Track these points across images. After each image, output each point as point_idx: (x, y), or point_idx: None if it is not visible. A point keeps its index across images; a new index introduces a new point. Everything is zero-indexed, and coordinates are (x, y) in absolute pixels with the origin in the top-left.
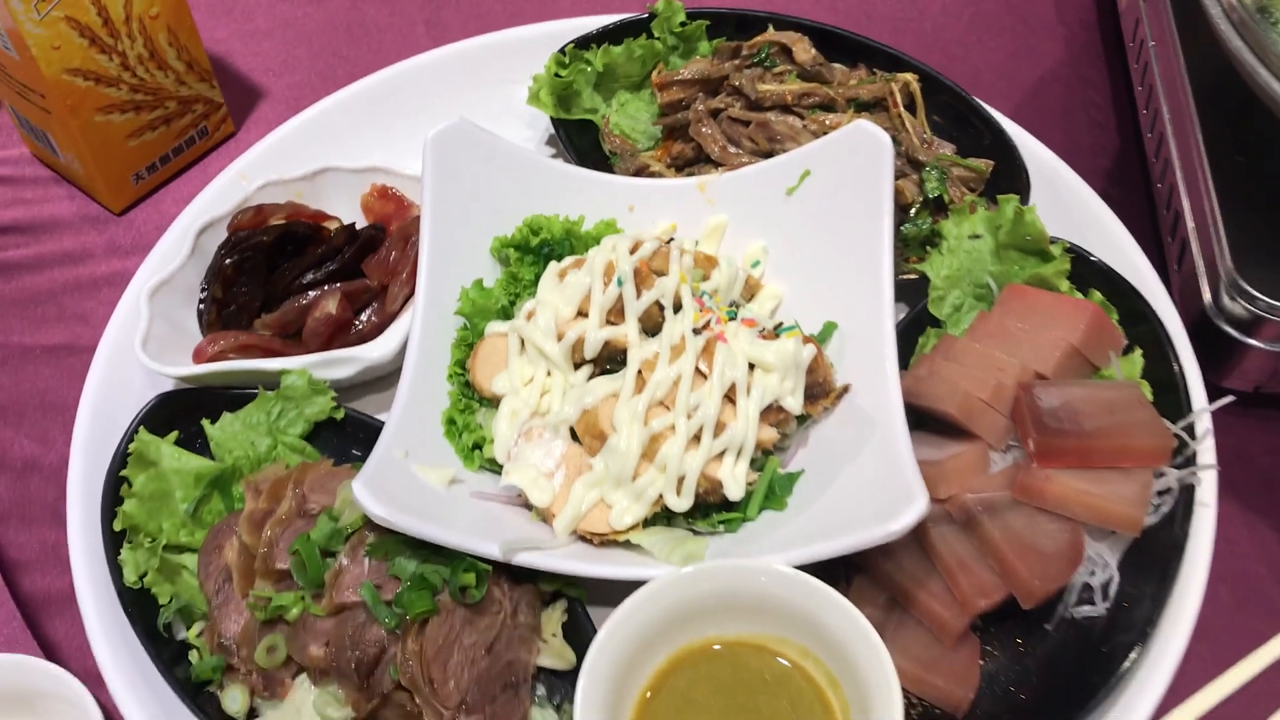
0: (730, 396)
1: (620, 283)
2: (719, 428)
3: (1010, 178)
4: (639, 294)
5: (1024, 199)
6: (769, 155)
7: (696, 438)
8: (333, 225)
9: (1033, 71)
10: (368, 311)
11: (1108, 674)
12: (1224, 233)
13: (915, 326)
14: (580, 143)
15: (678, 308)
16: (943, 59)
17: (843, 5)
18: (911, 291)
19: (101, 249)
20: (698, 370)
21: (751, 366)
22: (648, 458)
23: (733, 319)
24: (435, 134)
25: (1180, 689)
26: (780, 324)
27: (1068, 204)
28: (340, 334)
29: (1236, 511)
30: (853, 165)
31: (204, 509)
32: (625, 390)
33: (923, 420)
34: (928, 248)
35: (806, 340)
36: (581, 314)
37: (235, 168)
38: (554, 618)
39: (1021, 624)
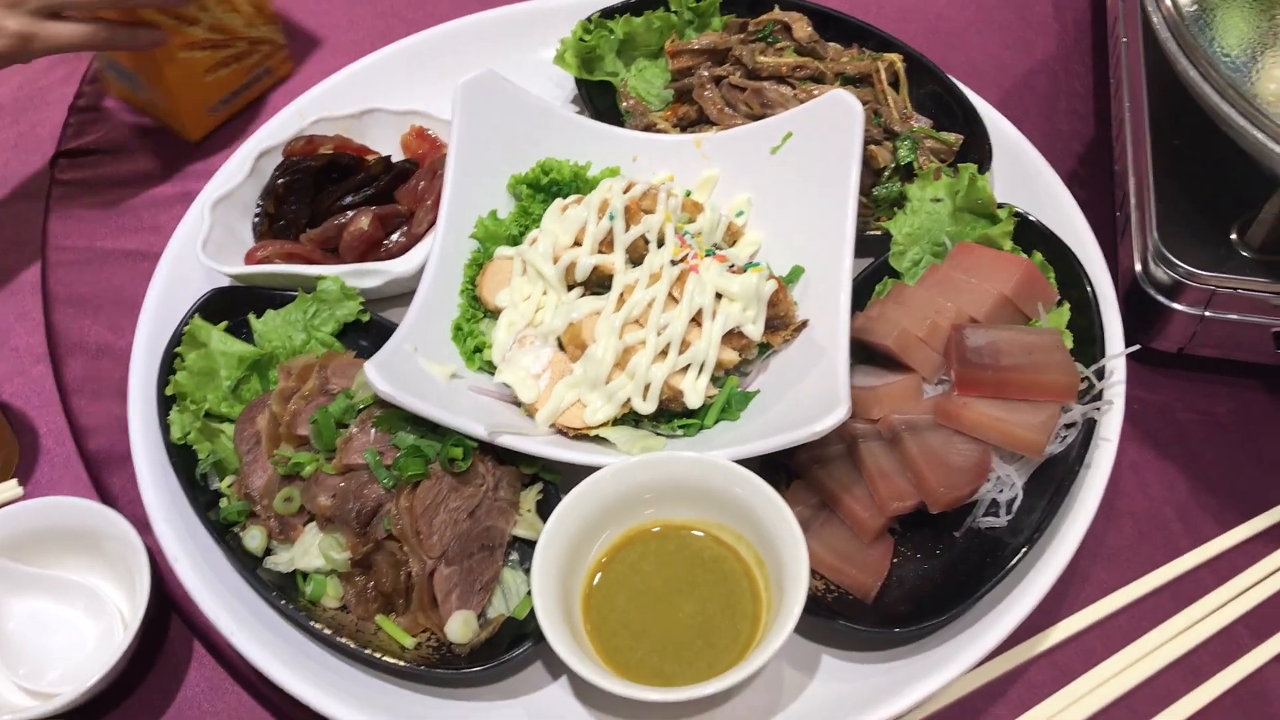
0: (698, 320)
1: (612, 217)
2: (684, 345)
3: (977, 151)
4: (627, 228)
5: (982, 169)
6: (761, 119)
7: (665, 353)
8: (374, 158)
9: (1024, 63)
10: (398, 233)
11: (997, 571)
12: (1155, 206)
13: (876, 276)
14: (600, 102)
15: (661, 243)
16: (943, 48)
17: None
18: (878, 246)
19: (175, 172)
20: (671, 296)
21: (719, 296)
22: (620, 366)
23: (709, 255)
24: (466, 81)
25: (1079, 603)
26: (750, 263)
27: (1029, 177)
28: (372, 250)
29: (1153, 459)
30: (828, 129)
31: (243, 387)
32: (607, 308)
33: (871, 355)
34: (895, 208)
35: (771, 278)
36: (577, 243)
37: (295, 105)
38: (531, 496)
39: (934, 531)
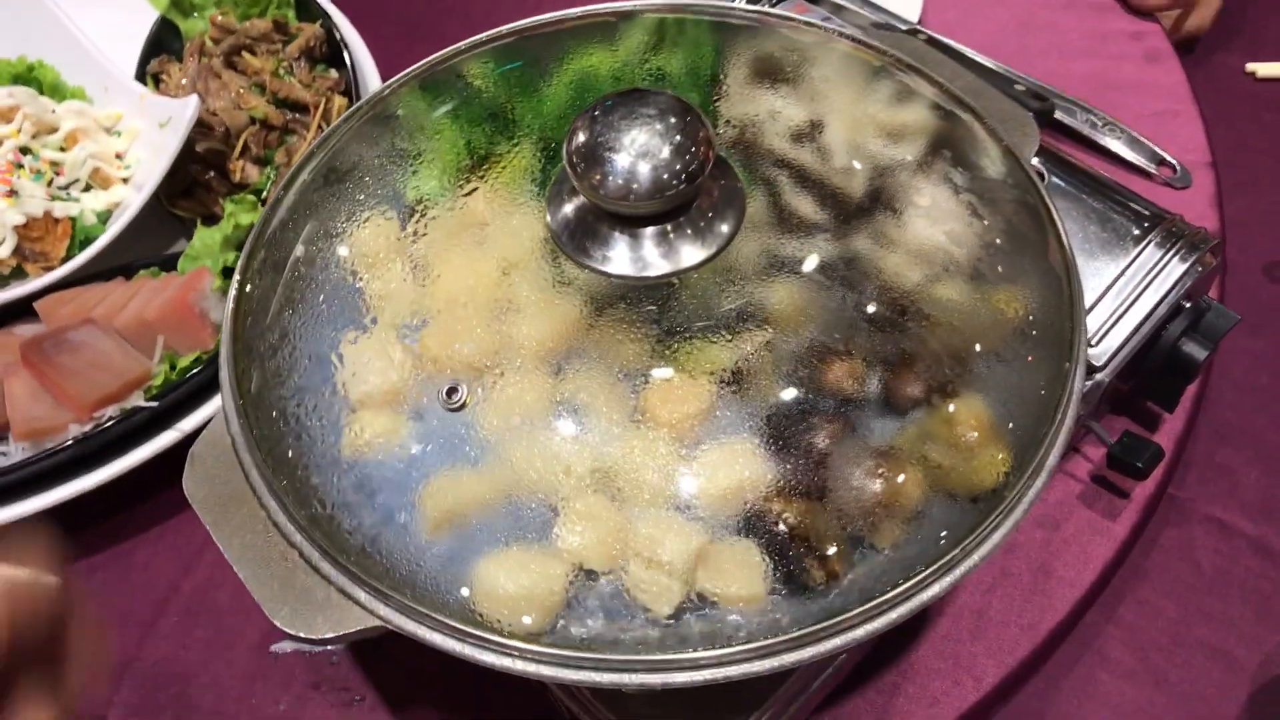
0: None
1: None
2: None
3: None
4: None
5: None
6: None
7: None
8: None
9: None
10: None
11: None
12: None
13: (148, 265)
14: (176, 42)
15: None
16: None
17: None
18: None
19: None
20: None
21: None
22: None
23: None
24: None
25: None
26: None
27: None
28: None
29: None
30: (180, 123)
31: None
32: None
33: None
34: None
35: (42, 216)
36: None
37: None
38: None
39: None
